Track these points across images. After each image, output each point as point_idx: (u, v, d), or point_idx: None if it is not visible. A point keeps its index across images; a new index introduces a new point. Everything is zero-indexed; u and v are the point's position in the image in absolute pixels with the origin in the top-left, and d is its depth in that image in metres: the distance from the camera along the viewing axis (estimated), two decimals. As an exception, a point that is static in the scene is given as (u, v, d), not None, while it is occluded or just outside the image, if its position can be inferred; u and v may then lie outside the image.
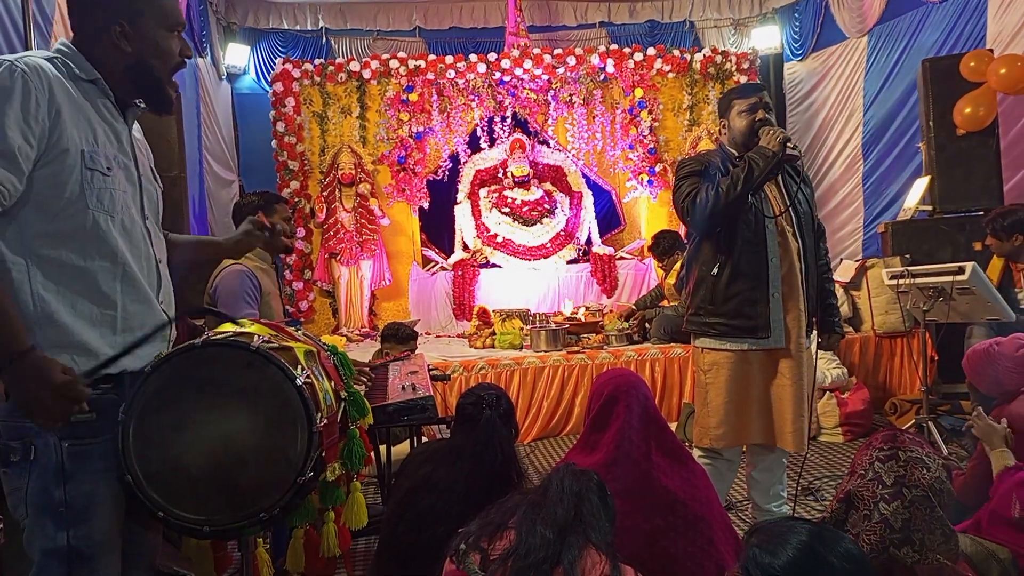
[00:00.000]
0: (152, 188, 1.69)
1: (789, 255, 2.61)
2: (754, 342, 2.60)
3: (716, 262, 2.61)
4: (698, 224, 2.61)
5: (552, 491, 1.49)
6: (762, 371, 2.64)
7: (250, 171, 7.46)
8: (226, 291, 2.78)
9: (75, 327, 1.46)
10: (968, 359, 3.10)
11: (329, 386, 1.80)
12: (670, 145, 7.23)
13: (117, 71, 1.57)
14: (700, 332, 2.70)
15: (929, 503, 1.51)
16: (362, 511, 2.04)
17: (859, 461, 1.63)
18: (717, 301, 2.62)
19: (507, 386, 4.79)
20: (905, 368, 5.20)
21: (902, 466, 1.55)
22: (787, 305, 2.61)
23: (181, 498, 1.50)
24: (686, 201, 2.61)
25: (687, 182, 2.65)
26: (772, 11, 8.01)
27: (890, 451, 1.58)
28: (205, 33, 6.70)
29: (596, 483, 1.52)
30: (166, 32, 1.60)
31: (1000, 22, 5.39)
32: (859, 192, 6.91)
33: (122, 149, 1.59)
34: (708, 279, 2.64)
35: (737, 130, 2.68)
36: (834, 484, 3.74)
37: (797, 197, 2.65)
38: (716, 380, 2.63)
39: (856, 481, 1.60)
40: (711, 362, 2.66)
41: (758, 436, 2.67)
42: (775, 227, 2.61)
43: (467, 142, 7.22)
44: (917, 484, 1.52)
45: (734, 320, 2.60)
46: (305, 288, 6.69)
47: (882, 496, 1.53)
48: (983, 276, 3.71)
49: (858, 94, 6.89)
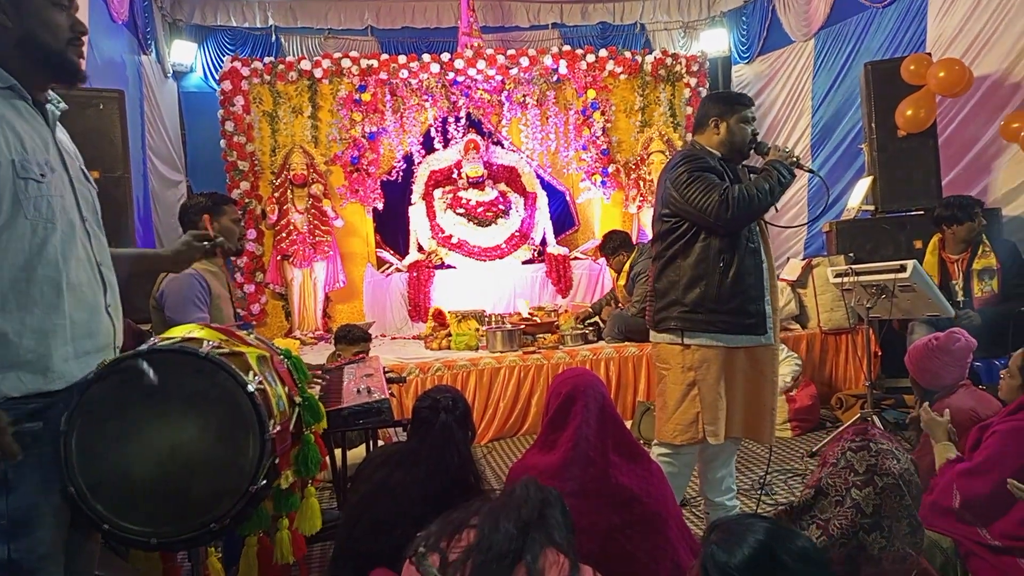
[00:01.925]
0: (86, 189, 1.64)
1: (770, 258, 2.76)
2: (750, 339, 2.68)
3: (721, 260, 2.65)
4: (732, 221, 2.60)
5: (516, 493, 1.49)
6: (743, 367, 2.72)
7: (197, 171, 7.29)
8: (174, 295, 2.71)
9: (23, 344, 1.42)
10: (909, 355, 3.20)
11: (282, 391, 1.77)
12: (622, 146, 7.32)
13: (8, 50, 1.51)
14: (695, 329, 2.70)
15: (899, 491, 1.56)
16: (316, 517, 2.01)
17: (830, 452, 1.68)
18: (723, 299, 2.64)
19: (463, 387, 4.78)
20: (850, 364, 5.34)
21: (873, 456, 1.60)
22: (771, 304, 2.73)
23: (127, 509, 1.46)
24: (724, 196, 2.56)
25: (702, 179, 2.63)
26: (720, 14, 8.15)
27: (861, 442, 1.63)
28: (150, 30, 6.53)
29: (557, 496, 1.53)
30: (49, 4, 1.55)
31: (939, 27, 5.58)
32: (804, 192, 7.07)
33: (51, 153, 1.54)
34: (711, 277, 2.65)
35: (737, 135, 2.74)
36: (784, 478, 3.82)
37: None
38: (707, 376, 2.66)
39: (828, 470, 1.64)
40: (702, 359, 2.68)
41: (739, 430, 2.74)
42: (760, 231, 2.74)
43: (421, 142, 7.18)
44: (888, 472, 1.57)
45: (738, 317, 2.65)
46: (257, 291, 6.57)
47: (854, 483, 1.58)
48: (924, 273, 3.84)
49: (807, 96, 7.05)
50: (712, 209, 2.57)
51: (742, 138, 2.74)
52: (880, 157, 5.35)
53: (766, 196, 2.60)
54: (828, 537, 1.57)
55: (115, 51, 5.72)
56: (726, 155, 2.75)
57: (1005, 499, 2.09)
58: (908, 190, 5.29)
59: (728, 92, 2.91)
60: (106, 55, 5.46)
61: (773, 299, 2.75)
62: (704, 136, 2.81)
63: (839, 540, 1.56)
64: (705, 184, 2.61)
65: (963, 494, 2.22)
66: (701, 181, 2.62)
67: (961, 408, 2.79)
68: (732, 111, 2.74)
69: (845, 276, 4.05)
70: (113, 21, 5.61)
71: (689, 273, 2.70)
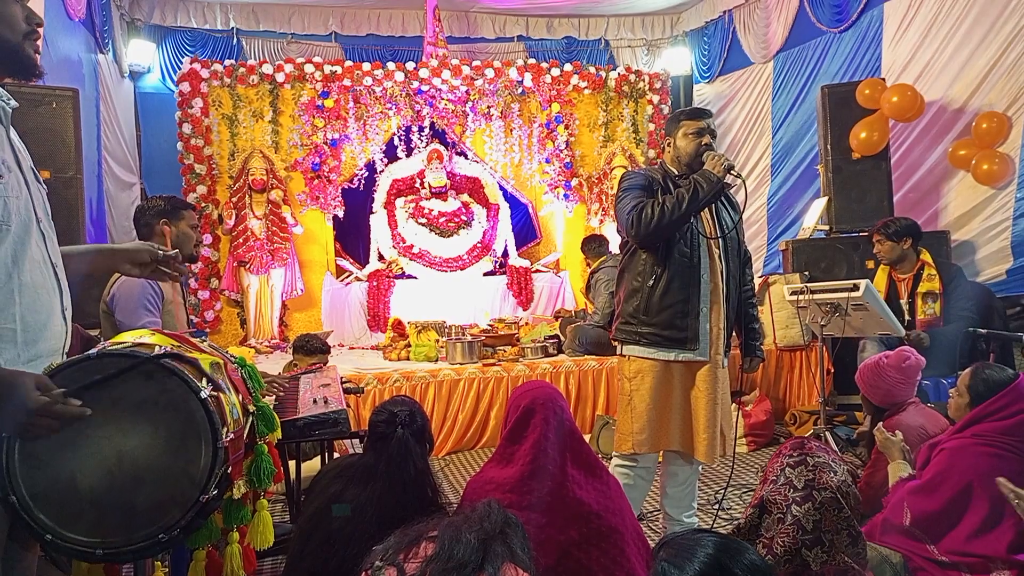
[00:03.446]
0: (37, 189, 1.59)
1: (716, 275, 2.74)
2: (680, 353, 2.69)
3: (653, 274, 2.69)
4: (641, 237, 2.67)
5: (479, 509, 1.47)
6: (682, 382, 2.73)
7: (153, 174, 7.14)
8: (125, 299, 2.64)
9: None
10: (860, 373, 3.27)
11: (236, 399, 1.73)
12: (586, 160, 7.37)
13: None
14: (629, 340, 2.76)
15: (838, 504, 1.58)
16: (268, 530, 1.96)
17: (770, 468, 1.70)
18: (651, 312, 2.69)
19: (422, 399, 4.74)
20: (804, 380, 5.43)
21: (811, 470, 1.62)
22: (711, 321, 2.73)
23: (72, 519, 1.40)
24: (632, 214, 2.64)
25: (630, 195, 2.71)
26: (683, 34, 8.30)
27: (799, 457, 1.66)
28: (107, 28, 6.39)
29: (519, 523, 1.51)
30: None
31: (893, 53, 5.77)
32: (763, 211, 7.21)
33: (6, 151, 1.49)
34: (643, 290, 2.71)
35: (682, 150, 2.76)
36: (739, 494, 3.86)
37: (727, 224, 2.80)
38: (640, 387, 2.70)
39: (768, 487, 1.66)
40: (636, 369, 2.73)
41: (676, 443, 2.75)
42: (707, 247, 2.73)
43: (384, 151, 7.14)
44: (826, 487, 1.59)
45: (666, 331, 2.68)
46: (212, 297, 6.44)
47: (794, 499, 1.60)
48: (875, 293, 3.93)
49: (767, 117, 7.20)
50: (626, 225, 2.68)
51: (687, 151, 2.75)
52: (835, 179, 5.48)
53: (674, 209, 2.59)
54: (773, 556, 1.59)
55: (71, 49, 5.58)
56: (684, 170, 2.77)
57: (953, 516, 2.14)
58: (861, 211, 5.43)
59: (680, 109, 2.94)
60: (61, 52, 5.32)
61: (719, 316, 2.73)
62: (666, 155, 2.88)
63: (783, 558, 1.58)
64: (627, 200, 2.70)
65: (913, 512, 2.27)
66: (625, 197, 2.72)
67: (911, 425, 2.86)
68: (676, 127, 2.80)
69: (800, 294, 4.12)
70: (69, 18, 5.48)
71: (628, 286, 2.78)
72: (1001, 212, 5.02)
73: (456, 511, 1.58)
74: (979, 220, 5.18)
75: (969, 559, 2.21)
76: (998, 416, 2.33)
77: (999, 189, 5.01)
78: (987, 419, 2.34)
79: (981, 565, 2.19)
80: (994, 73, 5.01)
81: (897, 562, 2.26)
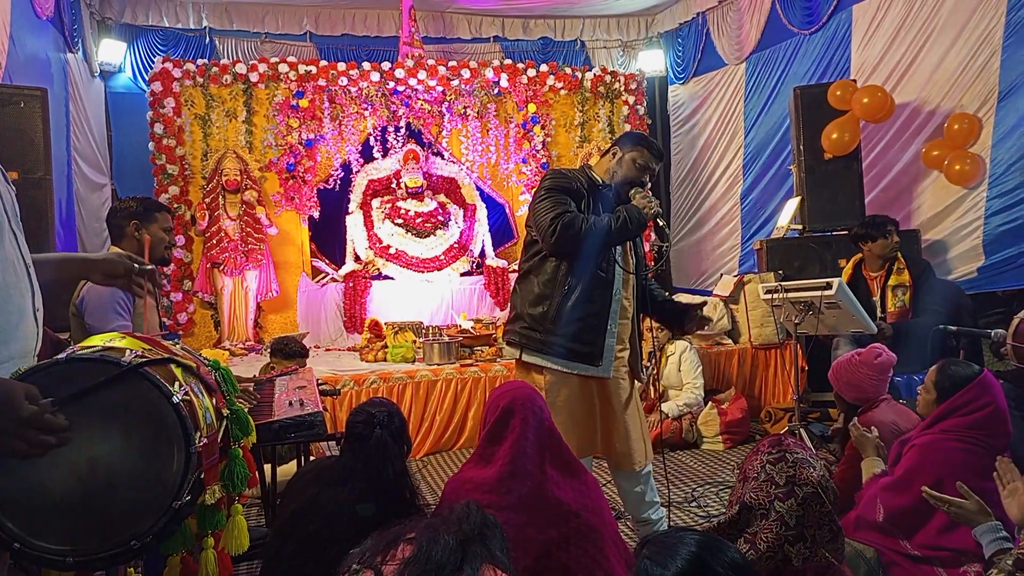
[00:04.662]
0: (6, 189, 1.56)
1: (629, 291, 2.76)
2: (584, 368, 2.65)
3: (566, 284, 2.64)
4: (557, 248, 2.61)
5: (457, 510, 1.46)
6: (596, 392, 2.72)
7: (124, 175, 7.02)
8: (95, 302, 2.59)
9: None
10: (833, 370, 3.31)
11: (210, 403, 1.71)
12: (562, 160, 7.39)
13: None
14: (531, 347, 2.70)
15: (819, 499, 1.60)
16: (243, 535, 1.93)
17: (750, 467, 1.71)
18: (559, 322, 2.63)
19: (399, 400, 4.72)
20: (779, 378, 5.49)
21: (791, 467, 1.64)
22: (618, 339, 2.71)
23: (41, 527, 1.37)
24: (556, 222, 2.57)
25: (553, 197, 2.64)
26: (657, 35, 8.35)
27: (778, 454, 1.67)
28: (77, 27, 6.28)
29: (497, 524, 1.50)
30: None
31: (862, 55, 5.84)
32: (737, 211, 7.27)
33: None
34: (553, 298, 2.64)
35: (622, 172, 2.74)
36: (716, 491, 3.89)
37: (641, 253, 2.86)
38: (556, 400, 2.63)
39: (750, 485, 1.67)
40: (550, 382, 2.66)
41: (601, 450, 2.76)
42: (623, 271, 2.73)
43: (359, 151, 7.10)
44: (807, 482, 1.61)
45: (572, 343, 2.63)
46: (184, 299, 6.36)
47: (776, 496, 1.62)
48: (848, 291, 3.98)
49: (739, 117, 7.26)
50: (544, 228, 2.59)
51: (626, 176, 2.74)
52: (807, 179, 5.54)
53: (600, 232, 2.58)
54: (756, 552, 1.60)
55: (39, 48, 5.48)
56: (608, 184, 2.77)
57: (925, 512, 2.17)
58: (833, 211, 5.49)
59: (644, 136, 2.91)
60: (29, 51, 5.22)
61: (625, 337, 2.75)
62: (602, 160, 2.85)
63: (766, 554, 1.59)
64: (552, 203, 2.62)
65: (886, 507, 2.30)
66: (550, 199, 2.64)
67: (883, 422, 2.89)
68: (633, 148, 2.75)
69: (775, 293, 4.16)
70: (37, 16, 5.38)
71: (536, 291, 2.70)
72: (973, 211, 5.11)
73: (435, 512, 1.57)
74: (951, 219, 5.26)
75: (941, 553, 2.24)
76: (964, 411, 2.37)
77: (971, 189, 5.10)
78: (954, 414, 2.38)
79: (953, 559, 2.22)
80: (965, 75, 5.10)
81: (871, 557, 2.29)
